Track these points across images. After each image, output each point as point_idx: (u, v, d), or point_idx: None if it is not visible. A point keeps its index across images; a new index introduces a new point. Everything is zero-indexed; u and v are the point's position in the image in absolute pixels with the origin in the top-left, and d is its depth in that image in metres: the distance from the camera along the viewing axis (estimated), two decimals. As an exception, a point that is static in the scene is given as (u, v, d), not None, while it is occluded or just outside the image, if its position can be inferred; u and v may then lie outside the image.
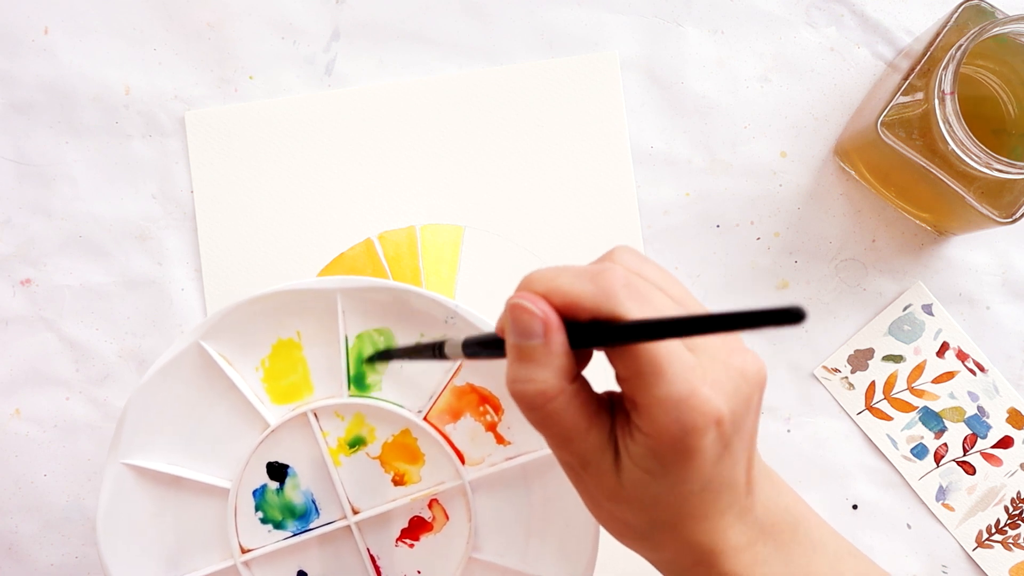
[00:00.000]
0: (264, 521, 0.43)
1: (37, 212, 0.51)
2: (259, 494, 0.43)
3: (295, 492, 0.43)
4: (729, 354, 0.30)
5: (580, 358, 0.31)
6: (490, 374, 0.43)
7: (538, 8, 0.51)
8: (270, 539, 0.43)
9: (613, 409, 0.31)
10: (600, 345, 0.29)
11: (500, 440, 0.43)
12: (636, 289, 0.29)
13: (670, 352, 0.28)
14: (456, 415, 0.43)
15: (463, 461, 0.43)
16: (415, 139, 0.51)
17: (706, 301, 0.50)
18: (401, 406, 0.43)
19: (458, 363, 0.43)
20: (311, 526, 0.43)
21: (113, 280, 0.51)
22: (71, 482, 0.51)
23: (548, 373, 0.29)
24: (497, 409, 0.43)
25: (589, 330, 0.29)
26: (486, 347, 0.34)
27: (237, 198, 0.51)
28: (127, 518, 0.42)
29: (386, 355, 0.42)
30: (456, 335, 0.36)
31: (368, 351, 0.43)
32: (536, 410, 0.30)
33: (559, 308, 0.29)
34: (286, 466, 0.43)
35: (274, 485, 0.43)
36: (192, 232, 0.51)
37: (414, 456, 0.43)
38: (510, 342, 0.30)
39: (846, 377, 0.50)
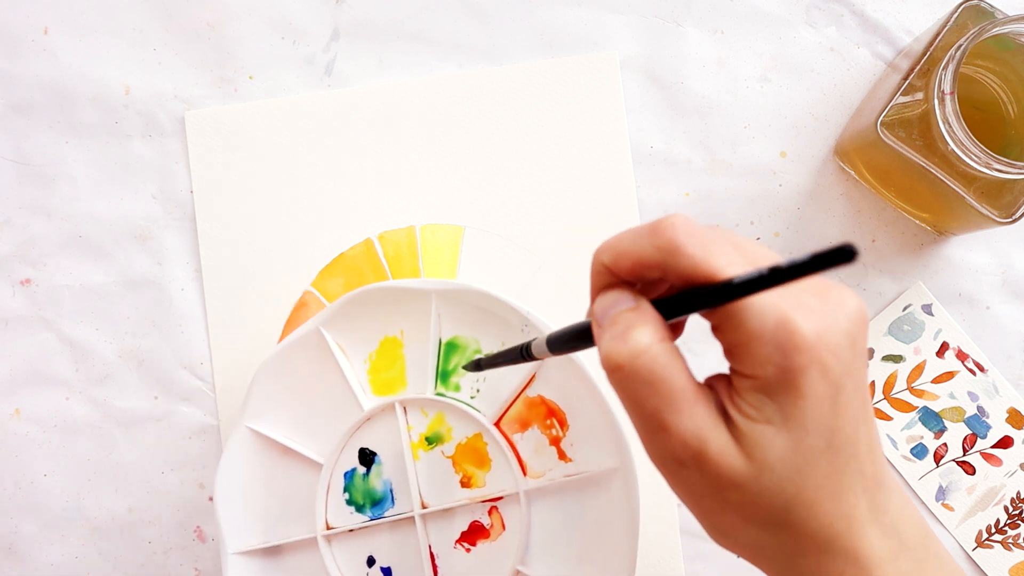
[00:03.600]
0: (348, 503, 0.46)
1: (37, 212, 0.51)
2: (349, 476, 0.46)
3: (378, 480, 0.46)
4: (824, 289, 0.28)
5: (672, 329, 0.29)
6: (561, 389, 0.45)
7: (538, 8, 0.51)
8: (351, 520, 0.46)
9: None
10: (687, 312, 0.28)
11: (562, 456, 0.45)
12: (698, 237, 0.27)
13: None
14: (525, 425, 0.45)
15: (525, 472, 0.45)
16: (415, 139, 0.51)
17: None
18: (478, 410, 0.45)
19: (532, 374, 0.45)
20: (385, 514, 0.45)
21: (113, 280, 0.51)
22: (71, 482, 0.51)
23: (642, 332, 0.28)
24: (563, 424, 0.45)
25: (675, 301, 0.28)
26: (571, 339, 0.33)
27: (237, 198, 0.51)
28: (242, 478, 0.46)
29: (478, 365, 0.43)
30: (540, 336, 0.36)
31: (455, 362, 0.45)
32: (636, 372, 0.28)
33: (630, 273, 0.29)
34: (375, 453, 0.46)
35: (362, 470, 0.46)
36: (192, 232, 0.51)
37: (482, 460, 0.45)
38: (599, 312, 0.29)
39: (846, 377, 0.50)
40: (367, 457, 0.46)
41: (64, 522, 0.51)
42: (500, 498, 0.45)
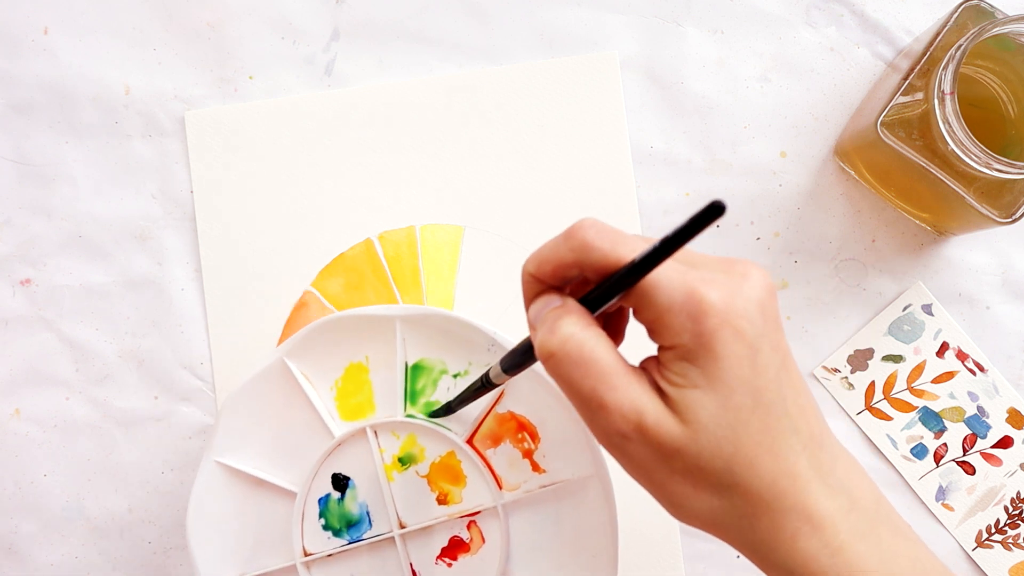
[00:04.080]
0: (325, 528, 0.46)
1: (37, 212, 0.51)
2: (323, 502, 0.46)
3: (353, 503, 0.46)
4: (728, 264, 0.31)
5: (613, 336, 0.32)
6: (530, 403, 0.46)
7: (538, 8, 0.51)
8: (329, 545, 0.46)
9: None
10: (606, 300, 0.31)
11: (536, 468, 0.46)
12: (607, 235, 0.30)
13: (663, 268, 0.30)
14: (497, 440, 0.46)
15: (500, 486, 0.46)
16: (415, 139, 0.51)
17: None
18: (449, 429, 0.46)
19: (501, 390, 0.45)
20: (364, 536, 0.46)
21: (113, 280, 0.51)
22: (71, 482, 0.51)
23: (568, 321, 0.30)
24: (534, 437, 0.46)
25: (593, 292, 0.31)
26: (519, 355, 0.35)
27: (237, 198, 0.51)
28: (214, 512, 0.46)
29: (447, 409, 0.44)
30: (495, 365, 0.38)
31: (422, 383, 0.46)
32: (568, 355, 0.30)
33: (554, 276, 0.31)
34: (348, 478, 0.46)
35: (336, 495, 0.46)
36: (192, 232, 0.51)
37: (457, 477, 0.46)
38: (532, 317, 0.32)
39: (846, 377, 0.50)
40: (340, 482, 0.46)
41: (64, 522, 0.51)
42: (478, 512, 0.46)
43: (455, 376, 0.46)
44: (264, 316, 0.51)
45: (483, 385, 0.39)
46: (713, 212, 0.26)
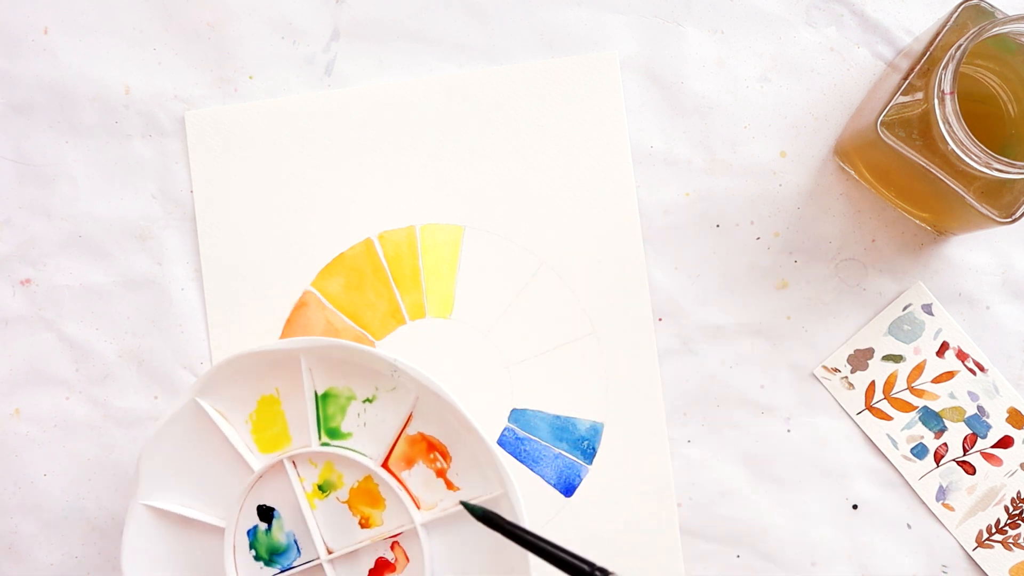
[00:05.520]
0: (256, 558, 0.47)
1: (37, 212, 0.51)
2: (252, 534, 0.47)
3: (280, 533, 0.47)
4: None
5: None
6: (439, 423, 0.47)
7: (538, 8, 0.51)
8: (262, 575, 0.47)
9: None
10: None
11: (450, 486, 0.47)
12: None
13: None
14: (410, 462, 0.47)
15: (418, 506, 0.47)
16: (415, 139, 0.51)
17: (706, 301, 0.50)
18: (364, 454, 0.47)
19: (409, 413, 0.47)
20: (293, 564, 0.47)
21: (113, 280, 0.51)
22: (71, 482, 0.51)
23: None
24: (445, 456, 0.47)
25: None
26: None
27: (237, 198, 0.51)
28: (147, 554, 0.47)
29: (492, 521, 0.45)
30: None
31: (332, 410, 0.47)
32: None
33: None
34: (272, 508, 0.47)
35: (263, 526, 0.47)
36: (192, 232, 0.51)
37: (376, 500, 0.47)
38: None
39: (846, 377, 0.50)
40: (266, 513, 0.47)
41: (64, 522, 0.51)
42: (400, 533, 0.47)
43: (364, 401, 0.47)
44: (264, 316, 0.51)
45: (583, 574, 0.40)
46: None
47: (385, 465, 0.47)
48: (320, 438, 0.47)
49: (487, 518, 0.43)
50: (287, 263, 0.51)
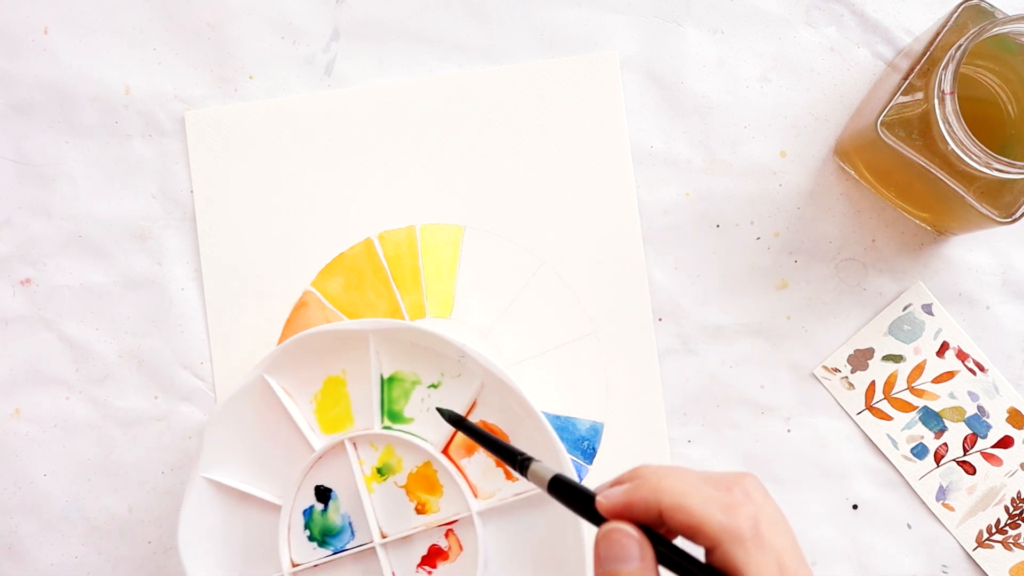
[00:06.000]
0: (311, 539, 0.47)
1: (37, 212, 0.51)
2: (307, 514, 0.47)
3: (336, 514, 0.47)
4: (729, 484, 0.32)
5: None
6: (501, 412, 0.46)
7: (538, 8, 0.51)
8: (314, 555, 0.47)
9: None
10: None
11: (509, 476, 0.47)
12: (761, 536, 0.31)
13: (704, 507, 0.31)
14: (471, 450, 0.47)
15: (476, 494, 0.47)
16: (415, 139, 0.51)
17: (706, 301, 0.50)
18: (425, 439, 0.47)
19: (473, 400, 0.46)
20: (347, 546, 0.47)
21: (113, 280, 0.51)
22: (71, 482, 0.51)
23: None
24: None
25: (675, 558, 0.32)
26: (574, 500, 0.34)
27: (237, 198, 0.51)
28: (203, 527, 0.47)
29: (459, 422, 0.44)
30: (542, 465, 0.37)
31: (397, 394, 0.47)
32: None
33: (678, 527, 0.31)
34: (330, 490, 0.47)
35: (320, 506, 0.47)
36: (192, 232, 0.51)
37: (433, 487, 0.47)
38: (603, 555, 0.31)
39: (846, 377, 0.50)
40: (323, 494, 0.47)
41: (64, 522, 0.51)
42: (455, 521, 0.47)
43: (429, 387, 0.47)
44: (264, 316, 0.51)
45: (513, 460, 0.38)
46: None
47: (445, 452, 0.47)
48: (382, 421, 0.47)
49: (455, 420, 0.43)
50: (287, 263, 0.51)
